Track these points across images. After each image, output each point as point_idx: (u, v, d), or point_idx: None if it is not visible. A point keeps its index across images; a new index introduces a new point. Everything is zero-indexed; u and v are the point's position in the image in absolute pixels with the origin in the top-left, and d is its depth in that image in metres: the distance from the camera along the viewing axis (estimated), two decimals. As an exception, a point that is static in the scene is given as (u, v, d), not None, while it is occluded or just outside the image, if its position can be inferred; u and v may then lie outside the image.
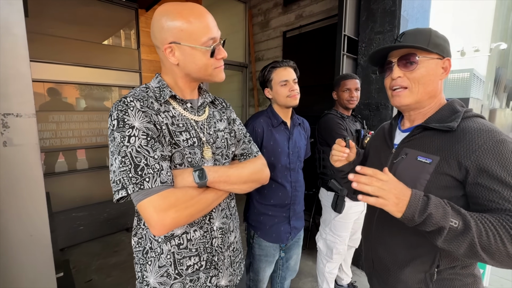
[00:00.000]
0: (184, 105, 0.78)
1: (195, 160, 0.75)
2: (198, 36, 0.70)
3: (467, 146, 0.66)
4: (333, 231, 1.71)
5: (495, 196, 0.63)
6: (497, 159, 0.63)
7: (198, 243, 0.78)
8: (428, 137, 0.74)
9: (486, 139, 0.65)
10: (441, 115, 0.75)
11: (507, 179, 0.62)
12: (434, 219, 0.59)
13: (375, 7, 2.06)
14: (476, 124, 0.68)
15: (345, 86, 1.66)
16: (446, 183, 0.68)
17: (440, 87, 0.77)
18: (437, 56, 0.73)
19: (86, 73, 2.54)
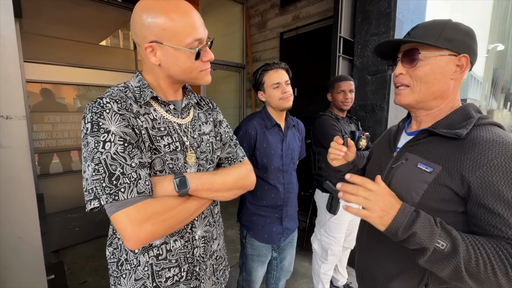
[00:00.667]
0: (166, 107, 0.72)
1: (177, 166, 0.70)
2: (182, 37, 0.63)
3: (474, 159, 0.58)
4: (328, 232, 1.71)
5: (498, 221, 0.55)
6: (507, 178, 0.55)
7: (178, 254, 0.73)
8: (433, 143, 0.67)
9: (498, 153, 0.56)
10: (452, 120, 0.67)
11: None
12: (418, 239, 0.55)
13: (370, 9, 2.06)
14: (490, 134, 0.60)
15: (340, 88, 1.67)
16: (444, 196, 0.62)
17: (451, 87, 0.67)
18: (448, 52, 0.64)
19: (82, 73, 2.53)
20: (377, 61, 2.06)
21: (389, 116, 2.05)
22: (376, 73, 2.07)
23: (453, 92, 0.68)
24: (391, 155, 0.77)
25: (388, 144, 0.82)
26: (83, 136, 0.60)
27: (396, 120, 2.15)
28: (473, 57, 0.66)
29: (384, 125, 2.06)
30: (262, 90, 1.29)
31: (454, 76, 0.66)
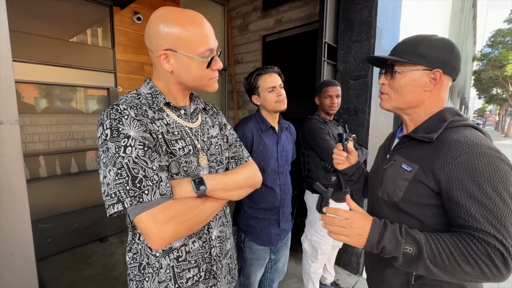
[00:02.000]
0: (177, 112, 0.76)
1: (191, 169, 0.73)
2: (195, 46, 0.68)
3: (442, 158, 0.66)
4: (318, 232, 1.76)
5: (462, 211, 0.62)
6: (469, 173, 0.61)
7: (197, 254, 0.77)
8: (414, 146, 0.76)
9: (462, 151, 0.63)
10: (429, 124, 0.75)
11: (477, 194, 0.60)
12: (387, 251, 0.64)
13: (352, 17, 2.17)
14: (457, 135, 0.67)
15: (327, 93, 1.73)
16: (422, 192, 0.70)
17: (426, 97, 0.75)
18: (423, 67, 0.72)
19: (55, 72, 2.35)
20: (359, 67, 2.16)
21: (370, 119, 2.16)
22: (358, 78, 2.18)
23: (430, 102, 0.76)
24: (385, 157, 0.87)
25: (385, 147, 0.92)
26: (102, 142, 0.62)
27: (376, 123, 2.27)
28: (450, 70, 0.73)
29: (366, 127, 2.17)
30: (256, 94, 1.30)
31: (428, 88, 0.74)
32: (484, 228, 0.60)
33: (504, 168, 0.61)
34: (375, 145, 2.29)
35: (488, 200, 0.60)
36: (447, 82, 0.75)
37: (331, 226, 0.69)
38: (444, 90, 0.76)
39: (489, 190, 0.60)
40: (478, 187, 0.61)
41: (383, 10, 2.17)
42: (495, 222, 0.59)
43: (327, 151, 1.61)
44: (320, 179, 1.71)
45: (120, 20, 2.84)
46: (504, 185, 0.60)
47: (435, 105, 0.77)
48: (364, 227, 0.67)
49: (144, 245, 0.73)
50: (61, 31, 2.46)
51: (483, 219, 0.60)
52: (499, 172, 0.61)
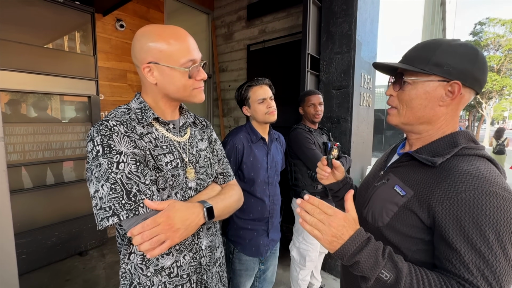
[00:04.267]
0: (166, 126, 0.78)
1: (177, 182, 0.75)
2: (177, 58, 0.70)
3: (444, 189, 0.56)
4: (306, 239, 1.79)
5: (454, 256, 0.53)
6: (472, 214, 0.52)
7: (189, 268, 0.77)
8: (413, 168, 0.65)
9: (469, 186, 0.53)
10: (437, 146, 0.64)
11: (476, 241, 0.51)
12: (360, 267, 0.55)
13: (333, 30, 2.27)
14: (467, 166, 0.57)
15: (310, 102, 1.80)
16: (411, 222, 0.61)
17: (440, 113, 0.64)
18: (438, 78, 0.61)
19: (33, 80, 2.26)
20: (340, 77, 2.26)
21: (352, 128, 2.25)
22: (340, 88, 2.27)
23: (445, 118, 0.65)
24: (379, 173, 0.77)
25: (381, 163, 0.82)
26: (93, 157, 0.64)
27: (357, 131, 2.37)
28: (472, 82, 0.61)
29: (348, 135, 2.26)
30: (247, 105, 1.32)
31: (443, 103, 0.62)
32: (474, 280, 0.50)
33: None
34: (357, 152, 2.39)
35: (487, 250, 0.50)
36: (468, 96, 0.63)
37: (307, 215, 0.60)
38: (463, 106, 0.64)
39: (491, 238, 0.50)
40: (480, 232, 0.51)
41: (362, 24, 2.29)
42: (490, 278, 0.50)
43: (313, 160, 1.66)
44: (307, 187, 1.76)
45: (103, 27, 2.79)
46: (509, 234, 0.50)
47: (450, 124, 0.65)
48: (344, 231, 0.57)
49: (134, 264, 0.72)
50: (41, 38, 2.37)
51: (477, 272, 0.50)
52: (509, 219, 0.51)
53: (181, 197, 0.76)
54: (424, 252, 0.60)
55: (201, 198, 0.78)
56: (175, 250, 0.74)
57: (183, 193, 0.76)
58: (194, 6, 3.80)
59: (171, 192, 0.74)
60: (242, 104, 1.34)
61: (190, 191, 0.79)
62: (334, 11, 2.26)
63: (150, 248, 0.60)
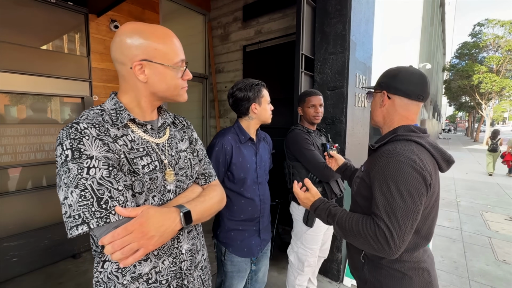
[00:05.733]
0: (143, 128, 0.75)
1: (155, 185, 0.72)
2: (171, 56, 0.71)
3: (374, 163, 0.86)
4: (305, 244, 1.75)
5: (373, 201, 0.82)
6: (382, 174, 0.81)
7: (168, 273, 0.75)
8: (370, 154, 0.98)
9: (383, 158, 0.83)
10: (384, 136, 0.93)
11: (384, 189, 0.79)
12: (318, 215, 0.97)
13: (328, 30, 2.25)
14: (389, 147, 0.85)
15: (311, 103, 1.75)
16: (364, 186, 0.91)
17: (384, 113, 0.96)
18: (378, 91, 0.97)
19: (26, 81, 2.24)
20: (335, 78, 2.24)
21: (347, 128, 2.23)
22: (335, 89, 2.25)
23: (387, 116, 0.96)
24: None
25: None
26: (62, 162, 0.60)
27: (353, 131, 2.35)
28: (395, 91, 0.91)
29: (343, 136, 2.23)
30: (258, 102, 1.30)
31: (381, 105, 0.96)
32: (380, 214, 0.78)
33: (410, 172, 0.77)
34: (353, 153, 2.37)
35: (389, 194, 0.78)
36: (398, 100, 0.92)
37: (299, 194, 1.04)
38: (401, 107, 0.92)
39: (392, 187, 0.78)
40: (385, 183, 0.79)
41: (356, 24, 2.27)
42: (389, 211, 0.77)
43: (313, 161, 1.63)
44: None
45: (97, 28, 2.78)
46: (405, 185, 0.76)
47: (396, 122, 0.94)
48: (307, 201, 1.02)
49: (108, 273, 0.69)
50: (33, 39, 2.36)
51: (382, 208, 0.78)
52: (404, 175, 0.77)
53: (159, 200, 0.74)
54: None
55: (180, 201, 0.76)
56: (153, 255, 0.72)
57: (161, 197, 0.74)
58: (191, 7, 3.80)
59: (148, 196, 0.71)
60: (252, 102, 1.29)
61: (169, 194, 0.77)
62: (328, 11, 2.25)
63: (123, 258, 0.58)
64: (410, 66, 0.96)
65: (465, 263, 2.86)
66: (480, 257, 3.00)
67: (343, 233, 0.87)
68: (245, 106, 1.29)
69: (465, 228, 3.88)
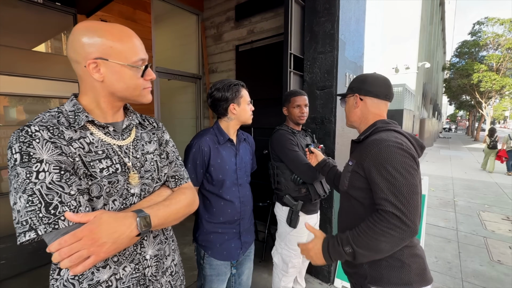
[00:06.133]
0: (105, 130, 0.73)
1: (116, 189, 0.70)
2: (128, 55, 0.69)
3: (365, 153, 0.92)
4: (288, 245, 1.73)
5: (376, 187, 0.86)
6: (378, 160, 0.86)
7: (130, 280, 0.72)
8: (355, 147, 1.06)
9: (374, 146, 0.89)
10: (366, 131, 1.02)
11: (383, 173, 0.85)
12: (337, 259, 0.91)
13: (317, 29, 2.23)
14: (376, 136, 0.94)
15: (296, 103, 1.73)
16: (358, 178, 0.95)
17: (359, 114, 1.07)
18: (350, 95, 1.09)
19: (15, 82, 2.23)
20: (324, 77, 2.22)
21: (336, 128, 2.21)
22: (324, 88, 2.23)
23: (363, 115, 1.06)
24: None
25: None
26: (12, 167, 0.59)
27: (343, 132, 2.33)
28: (366, 92, 1.04)
29: (332, 136, 2.21)
30: (237, 103, 1.28)
31: (355, 107, 1.07)
32: (386, 197, 0.83)
33: (401, 153, 0.85)
34: (342, 153, 2.34)
35: (389, 176, 0.83)
36: (369, 101, 1.04)
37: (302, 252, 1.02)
38: (372, 106, 1.04)
39: (390, 169, 0.84)
40: (383, 168, 0.85)
41: (346, 23, 2.25)
42: (395, 191, 0.82)
43: (296, 162, 1.61)
44: (290, 191, 1.70)
45: (86, 29, 2.76)
46: (401, 164, 0.84)
47: (375, 118, 1.04)
48: (317, 250, 0.95)
49: (64, 281, 0.67)
50: (22, 40, 2.34)
51: (387, 190, 0.83)
52: (396, 156, 0.85)
53: (121, 204, 0.72)
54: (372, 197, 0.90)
55: (143, 205, 0.74)
56: (112, 262, 0.70)
57: (123, 200, 0.72)
58: (183, 7, 3.78)
59: (108, 200, 0.69)
60: (230, 102, 1.27)
61: (133, 198, 0.75)
62: (317, 10, 2.23)
63: (72, 265, 0.56)
64: (374, 73, 1.09)
65: (459, 264, 2.83)
66: (474, 258, 2.97)
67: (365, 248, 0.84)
68: (223, 107, 1.27)
69: (461, 228, 3.85)
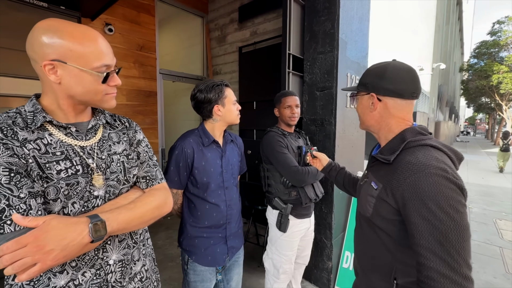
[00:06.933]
0: (66, 130, 0.70)
1: (75, 191, 0.67)
2: (90, 60, 0.66)
3: (397, 179, 0.71)
4: (279, 250, 1.68)
5: (413, 229, 0.66)
6: (417, 193, 0.65)
7: (90, 285, 0.69)
8: (380, 165, 0.82)
9: (412, 172, 0.68)
10: (392, 144, 0.80)
11: (424, 212, 0.64)
12: None
13: (316, 29, 2.17)
14: (410, 157, 0.72)
15: (286, 103, 1.69)
16: (385, 208, 0.75)
17: (377, 118, 0.84)
18: (363, 93, 0.85)
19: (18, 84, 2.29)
20: (324, 78, 2.15)
21: (337, 130, 2.13)
22: (324, 89, 2.16)
23: (383, 121, 0.83)
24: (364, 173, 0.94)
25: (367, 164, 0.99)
26: None
27: (344, 134, 2.25)
28: (385, 92, 0.80)
29: (332, 139, 2.14)
30: (221, 104, 1.24)
31: (371, 109, 0.83)
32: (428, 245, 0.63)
33: (446, 185, 0.64)
34: (344, 157, 2.26)
35: (433, 217, 0.63)
36: (391, 102, 0.81)
37: None
38: (395, 109, 0.81)
39: (433, 208, 0.63)
40: (424, 206, 0.64)
41: (347, 22, 2.18)
42: (440, 237, 0.62)
43: (284, 165, 1.56)
44: (280, 194, 1.65)
45: (91, 32, 2.81)
46: (447, 201, 0.63)
47: (396, 125, 0.82)
48: None
49: (18, 287, 0.65)
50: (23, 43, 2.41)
51: (429, 236, 0.63)
52: (442, 189, 0.64)
53: (82, 207, 0.69)
54: (404, 231, 0.72)
55: (106, 208, 0.71)
56: (70, 267, 0.67)
57: (84, 203, 0.70)
58: (188, 10, 3.80)
59: (67, 203, 0.67)
60: (214, 104, 1.23)
61: (96, 200, 0.72)
62: (317, 9, 2.17)
63: (18, 272, 0.54)
64: (393, 60, 0.84)
65: (471, 275, 2.66)
66: (487, 269, 2.80)
67: None
68: (207, 109, 1.23)
69: (474, 237, 3.65)
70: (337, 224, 2.24)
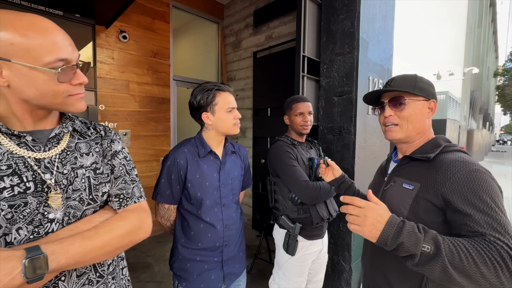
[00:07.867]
0: (19, 140, 0.59)
1: (21, 214, 0.55)
2: (39, 55, 0.54)
3: (443, 174, 0.73)
4: (287, 275, 1.47)
5: (468, 219, 0.66)
6: (469, 186, 0.68)
7: None
8: (413, 167, 0.83)
9: (460, 168, 0.71)
10: (426, 148, 0.83)
11: (479, 204, 0.66)
12: (405, 247, 0.63)
13: (334, 28, 1.99)
14: (453, 156, 0.76)
15: (298, 110, 1.50)
16: (426, 208, 0.74)
17: (427, 124, 0.85)
18: (422, 98, 0.84)
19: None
20: (342, 82, 1.95)
21: (357, 140, 1.91)
22: (343, 94, 1.96)
23: (428, 128, 0.86)
24: (383, 180, 0.93)
25: (381, 172, 0.99)
26: None
27: (365, 144, 2.02)
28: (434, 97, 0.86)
29: (352, 149, 1.92)
30: (210, 111, 1.09)
31: (428, 116, 0.85)
32: (490, 232, 0.63)
33: (493, 183, 0.70)
34: (366, 168, 2.02)
35: (488, 209, 0.65)
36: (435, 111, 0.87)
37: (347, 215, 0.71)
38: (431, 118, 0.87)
39: (488, 200, 0.66)
40: (479, 198, 0.67)
41: (369, 20, 1.98)
42: (498, 227, 0.64)
43: (293, 179, 1.36)
44: (288, 212, 1.46)
45: (106, 39, 2.83)
46: (497, 197, 0.68)
47: (429, 132, 0.87)
48: (380, 218, 0.66)
49: None
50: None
51: (487, 225, 0.64)
52: (492, 186, 0.68)
53: (31, 234, 0.56)
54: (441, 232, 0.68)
55: (61, 235, 0.58)
56: None
57: (34, 229, 0.57)
58: (204, 16, 3.77)
59: (11, 229, 0.54)
60: (202, 110, 1.09)
61: (51, 225, 0.59)
62: (335, 7, 1.99)
63: None
64: None
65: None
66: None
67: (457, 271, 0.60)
68: (197, 116, 1.09)
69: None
70: (357, 245, 1.99)
